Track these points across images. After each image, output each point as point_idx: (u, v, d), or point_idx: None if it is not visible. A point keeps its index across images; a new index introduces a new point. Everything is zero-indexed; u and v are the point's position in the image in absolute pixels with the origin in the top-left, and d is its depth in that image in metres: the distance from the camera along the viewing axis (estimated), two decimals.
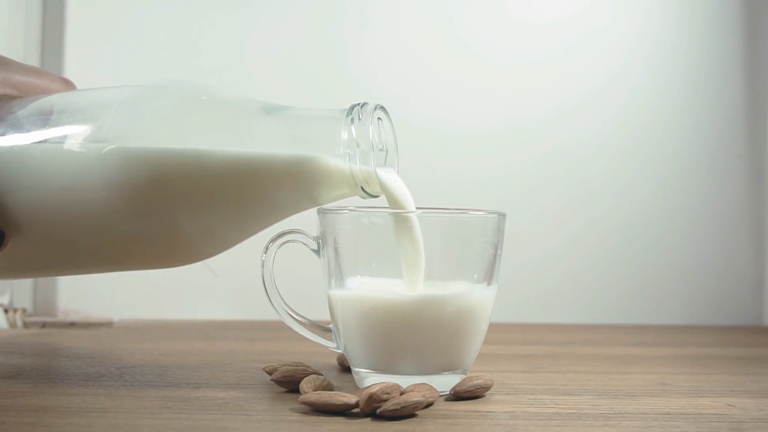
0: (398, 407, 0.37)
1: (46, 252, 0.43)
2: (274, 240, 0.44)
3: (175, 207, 0.40)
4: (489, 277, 0.43)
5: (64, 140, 0.40)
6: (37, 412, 0.37)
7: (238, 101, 0.42)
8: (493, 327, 0.46)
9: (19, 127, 0.41)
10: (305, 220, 0.45)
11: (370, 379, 0.42)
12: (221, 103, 0.42)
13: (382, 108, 0.42)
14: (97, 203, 0.39)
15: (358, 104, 0.41)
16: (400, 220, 0.41)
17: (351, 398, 0.38)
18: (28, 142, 0.41)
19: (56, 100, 0.43)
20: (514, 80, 0.79)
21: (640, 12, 0.80)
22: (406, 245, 0.41)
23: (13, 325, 0.72)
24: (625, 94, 0.80)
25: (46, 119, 0.41)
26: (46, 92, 0.44)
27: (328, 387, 0.41)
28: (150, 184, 0.39)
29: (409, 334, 0.41)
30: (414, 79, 0.78)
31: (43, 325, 0.72)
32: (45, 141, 0.40)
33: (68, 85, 0.46)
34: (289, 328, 0.45)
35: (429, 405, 0.39)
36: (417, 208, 0.41)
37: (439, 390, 0.41)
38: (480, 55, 0.79)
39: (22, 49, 0.74)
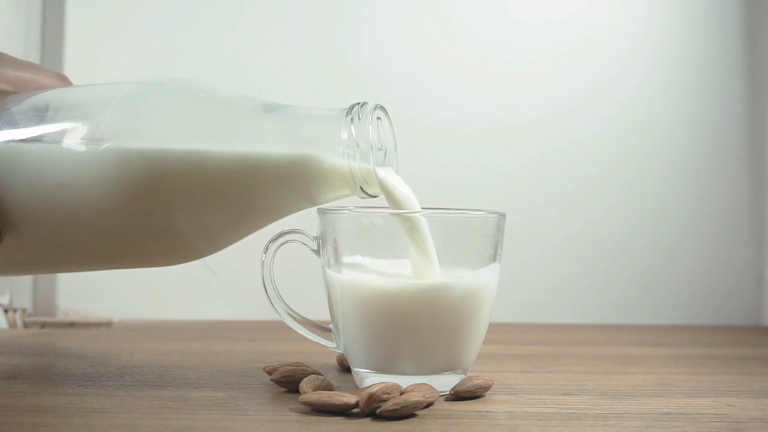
0: (398, 407, 0.37)
1: (43, 249, 0.43)
2: (274, 240, 0.44)
3: (173, 205, 0.40)
4: None
5: (61, 138, 0.40)
6: (37, 412, 0.37)
7: (237, 99, 0.42)
8: (493, 327, 0.46)
9: (14, 124, 0.41)
10: (305, 220, 0.45)
11: (370, 379, 0.42)
12: (219, 101, 0.41)
13: (382, 108, 0.42)
14: (94, 201, 0.39)
15: (358, 104, 0.41)
16: (402, 219, 0.41)
17: (351, 398, 0.38)
18: (24, 139, 0.40)
19: (52, 96, 0.42)
20: (515, 79, 0.79)
21: (641, 12, 0.80)
22: (414, 242, 0.41)
23: (13, 325, 0.72)
24: (625, 93, 0.80)
25: (42, 116, 0.41)
26: (42, 88, 0.44)
27: (328, 387, 0.41)
28: (147, 183, 0.39)
29: (410, 326, 0.41)
30: (414, 78, 0.78)
31: (43, 325, 0.72)
32: (41, 138, 0.40)
33: (64, 81, 0.46)
34: (289, 328, 0.45)
35: (429, 405, 0.39)
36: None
37: (439, 390, 0.41)
38: (480, 53, 0.79)
39: (22, 49, 0.74)
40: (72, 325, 0.72)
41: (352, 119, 0.41)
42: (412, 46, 0.79)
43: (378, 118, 0.42)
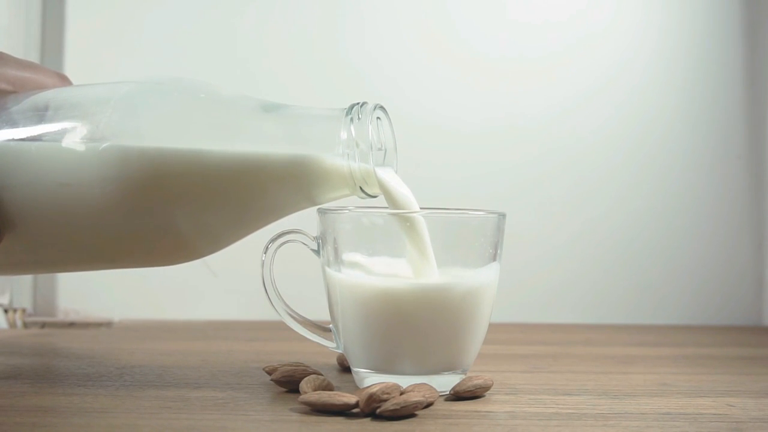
0: (398, 407, 0.37)
1: (43, 248, 0.43)
2: (274, 240, 0.44)
3: (172, 205, 0.40)
4: None
5: (61, 137, 0.40)
6: (36, 412, 0.37)
7: (237, 99, 0.42)
8: (493, 327, 0.46)
9: (13, 123, 0.41)
10: (305, 220, 0.45)
11: (370, 379, 0.42)
12: (219, 100, 0.41)
13: (382, 107, 0.42)
14: (94, 201, 0.39)
15: (358, 103, 0.41)
16: (401, 219, 0.41)
17: (351, 398, 0.38)
18: (24, 138, 0.40)
19: (52, 96, 0.42)
20: (515, 78, 0.79)
21: (641, 11, 0.80)
22: (411, 244, 0.41)
23: (13, 325, 0.72)
24: (625, 93, 0.80)
25: (41, 115, 0.41)
26: (42, 87, 0.44)
27: (328, 387, 0.41)
28: (147, 182, 0.39)
29: (410, 326, 0.41)
30: (414, 77, 0.78)
31: (43, 325, 0.72)
32: (41, 138, 0.40)
33: (64, 81, 0.46)
34: (289, 328, 0.45)
35: (429, 405, 0.39)
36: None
37: (439, 390, 0.41)
38: (480, 53, 0.79)
39: (22, 49, 0.74)
40: (72, 325, 0.72)
41: (351, 119, 0.41)
42: (413, 46, 0.79)
43: (378, 118, 0.42)
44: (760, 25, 0.80)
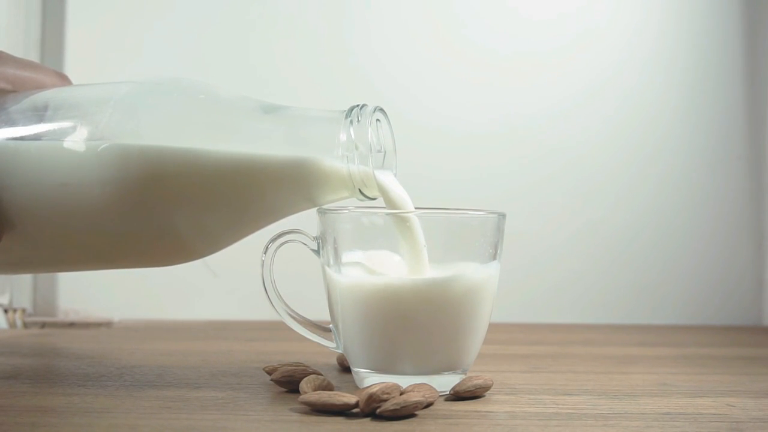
0: (398, 407, 0.37)
1: (42, 248, 0.43)
2: (273, 240, 0.44)
3: (171, 206, 0.40)
4: None
5: (60, 137, 0.40)
6: (36, 412, 0.37)
7: (237, 100, 0.42)
8: (493, 327, 0.46)
9: (13, 123, 0.41)
10: (305, 220, 0.45)
11: (370, 379, 0.42)
12: (219, 101, 0.41)
13: (381, 110, 0.42)
14: (93, 201, 0.39)
15: (357, 105, 0.41)
16: (399, 220, 0.41)
17: (351, 398, 0.38)
18: (23, 138, 0.40)
19: (51, 95, 0.42)
20: (515, 77, 0.79)
21: (640, 10, 0.80)
22: (407, 244, 0.41)
23: (13, 325, 0.72)
24: (625, 92, 0.80)
25: (41, 115, 0.41)
26: (41, 87, 0.44)
27: (328, 387, 0.41)
28: (146, 183, 0.39)
29: (411, 324, 0.41)
30: (414, 76, 0.78)
31: (43, 325, 0.72)
32: (40, 137, 0.40)
33: (63, 80, 0.46)
34: (289, 328, 0.45)
35: (429, 405, 0.39)
36: (416, 207, 0.41)
37: (439, 390, 0.41)
38: (480, 52, 0.79)
39: (22, 49, 0.74)
40: (72, 325, 0.72)
41: (351, 121, 0.41)
42: (412, 45, 0.79)
43: (377, 120, 0.42)
44: (760, 25, 0.80)
